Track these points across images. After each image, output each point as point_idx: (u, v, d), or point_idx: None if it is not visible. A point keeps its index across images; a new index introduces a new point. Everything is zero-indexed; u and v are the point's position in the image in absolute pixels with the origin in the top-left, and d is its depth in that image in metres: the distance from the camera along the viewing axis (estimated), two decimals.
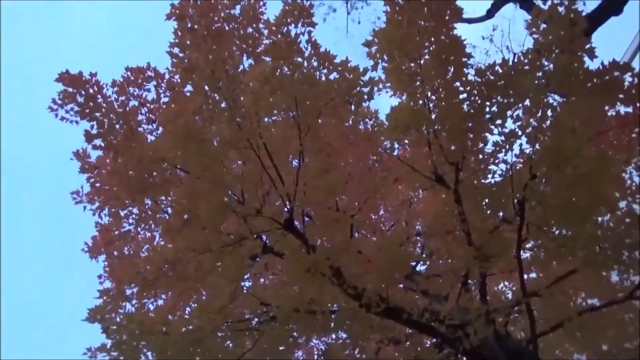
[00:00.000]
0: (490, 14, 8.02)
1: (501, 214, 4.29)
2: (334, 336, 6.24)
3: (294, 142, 4.56)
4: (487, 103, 3.72)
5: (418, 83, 4.14)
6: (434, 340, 4.59)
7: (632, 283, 4.47)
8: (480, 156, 4.27)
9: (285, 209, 4.50)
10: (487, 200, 4.17)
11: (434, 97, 4.28)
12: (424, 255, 5.64)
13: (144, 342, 3.94)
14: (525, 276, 4.52)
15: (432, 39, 3.86)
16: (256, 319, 4.53)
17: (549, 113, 3.84)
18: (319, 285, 4.17)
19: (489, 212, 4.25)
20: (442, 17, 3.78)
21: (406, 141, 4.96)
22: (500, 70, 3.52)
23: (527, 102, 3.85)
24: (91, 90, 4.42)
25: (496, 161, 4.27)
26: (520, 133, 3.97)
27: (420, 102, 4.25)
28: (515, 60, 3.54)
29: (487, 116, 3.83)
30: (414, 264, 5.68)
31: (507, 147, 4.03)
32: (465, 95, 3.80)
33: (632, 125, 4.26)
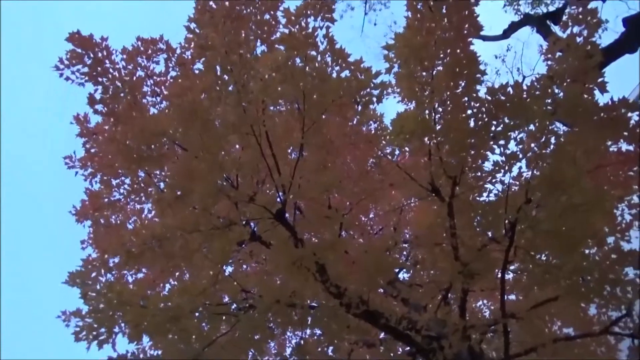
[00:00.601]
0: (506, 34, 8.05)
1: (491, 233, 4.33)
2: (308, 332, 6.27)
3: (295, 134, 4.55)
4: (494, 122, 3.73)
5: (427, 92, 4.15)
6: (408, 348, 4.61)
7: (609, 318, 4.53)
8: (479, 173, 4.30)
9: (279, 200, 4.49)
10: (479, 217, 4.19)
11: (440, 109, 4.29)
12: (408, 264, 5.66)
13: (120, 313, 3.92)
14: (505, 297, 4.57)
15: (448, 50, 3.86)
16: (235, 305, 4.52)
17: (552, 140, 3.88)
18: (302, 280, 4.18)
19: (479, 229, 4.27)
20: (461, 30, 3.78)
21: (407, 148, 4.98)
22: (512, 92, 3.53)
23: (532, 127, 3.89)
24: (100, 54, 4.37)
25: (493, 180, 4.30)
26: (520, 156, 4.01)
27: (427, 111, 4.26)
28: (528, 84, 3.54)
29: (491, 135, 3.84)
30: (397, 270, 5.70)
31: (507, 168, 4.06)
32: (473, 111, 3.80)
33: (632, 164, 4.29)
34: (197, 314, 4.03)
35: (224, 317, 4.41)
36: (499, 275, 4.49)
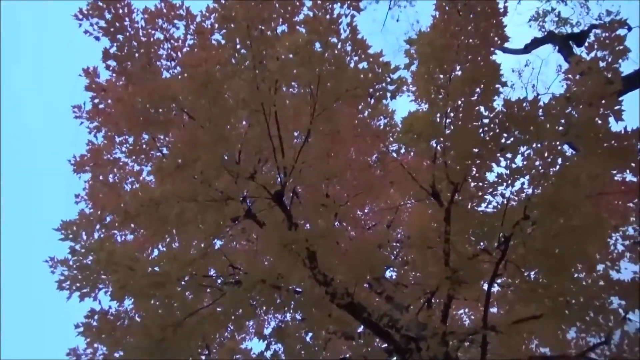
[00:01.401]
0: (527, 49, 8.00)
1: (484, 243, 4.34)
2: (289, 316, 6.30)
3: (304, 118, 4.53)
4: (504, 134, 3.72)
5: (442, 95, 4.14)
6: (386, 345, 4.64)
7: (587, 344, 4.58)
8: (481, 183, 4.30)
9: (278, 181, 4.48)
10: (475, 227, 4.21)
11: (452, 114, 4.28)
12: (397, 262, 5.68)
13: (107, 272, 3.92)
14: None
15: (470, 57, 3.84)
16: (221, 279, 4.53)
17: (559, 161, 3.88)
18: (291, 264, 4.19)
19: (473, 238, 4.29)
20: (487, 38, 3.76)
21: (412, 148, 4.97)
22: (527, 107, 3.52)
23: (540, 144, 3.88)
24: (121, 11, 4.31)
25: (494, 192, 4.31)
26: (525, 172, 4.01)
27: (439, 114, 4.25)
28: (546, 102, 3.53)
29: (500, 147, 3.84)
30: (385, 268, 5.72)
31: (510, 182, 4.06)
32: (485, 120, 3.79)
33: (633, 195, 4.31)
34: (183, 283, 4.03)
35: (208, 290, 4.42)
36: (485, 286, 4.54)
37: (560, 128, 3.62)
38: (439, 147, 4.41)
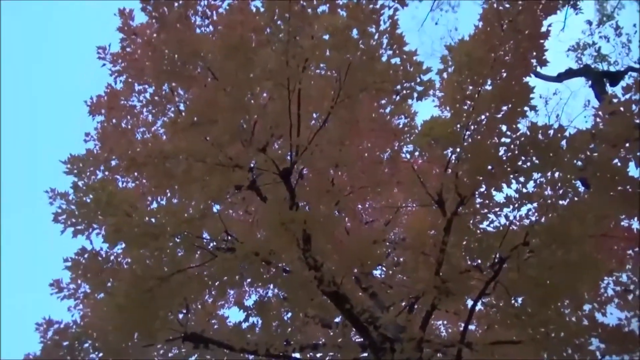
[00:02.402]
0: (559, 78, 7.90)
1: (478, 260, 4.35)
2: (271, 292, 6.35)
3: (326, 102, 4.50)
4: (522, 158, 3.69)
5: (468, 107, 4.10)
6: (361, 340, 4.68)
7: None
8: (487, 201, 4.28)
9: (288, 159, 4.46)
10: (473, 242, 4.21)
11: (473, 127, 4.25)
12: (388, 260, 5.70)
13: (104, 213, 3.94)
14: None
15: (504, 74, 3.80)
16: (213, 244, 4.54)
17: (570, 194, 3.86)
18: (286, 242, 4.19)
19: (469, 254, 4.29)
20: (525, 59, 3.71)
21: (426, 153, 4.94)
22: (552, 135, 3.48)
23: (556, 175, 3.86)
24: None
25: (499, 212, 4.29)
26: (534, 199, 3.99)
27: (460, 125, 4.21)
28: (571, 133, 3.50)
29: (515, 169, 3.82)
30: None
31: (517, 205, 4.05)
32: (506, 140, 3.76)
33: (634, 244, 4.30)
34: (176, 240, 4.04)
35: (199, 252, 4.43)
36: (469, 302, 4.56)
37: (579, 163, 3.59)
38: (453, 157, 4.39)
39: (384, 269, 5.98)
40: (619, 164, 3.52)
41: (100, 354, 4.27)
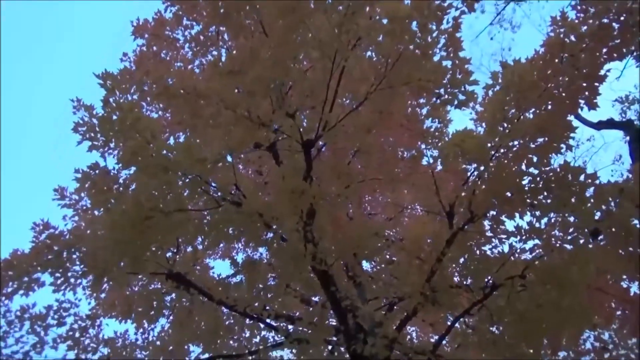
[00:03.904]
0: (599, 125, 7.78)
1: (471, 280, 4.35)
2: (258, 256, 6.40)
3: (365, 87, 4.45)
4: (545, 193, 3.65)
5: (504, 129, 4.04)
6: (336, 324, 4.71)
7: None
8: (496, 225, 4.26)
9: (314, 133, 4.44)
10: (471, 261, 4.21)
11: (503, 150, 4.20)
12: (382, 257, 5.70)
13: (126, 135, 3.93)
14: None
15: (550, 106, 3.73)
16: (219, 193, 4.55)
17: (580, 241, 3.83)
18: (290, 211, 4.20)
19: (464, 271, 4.29)
20: (575, 97, 3.64)
21: (449, 163, 4.90)
22: (582, 180, 3.44)
23: (571, 218, 3.82)
24: None
25: (504, 239, 4.27)
26: (544, 236, 3.96)
27: (492, 143, 4.16)
28: (601, 182, 3.46)
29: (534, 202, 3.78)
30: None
31: (524, 237, 4.02)
32: (534, 171, 3.72)
33: (626, 306, 4.28)
34: (186, 180, 4.04)
35: (204, 197, 4.43)
36: (451, 318, 4.57)
37: (599, 213, 3.55)
38: (475, 174, 4.35)
39: (374, 263, 6.00)
40: (637, 225, 3.48)
41: (85, 268, 4.32)
